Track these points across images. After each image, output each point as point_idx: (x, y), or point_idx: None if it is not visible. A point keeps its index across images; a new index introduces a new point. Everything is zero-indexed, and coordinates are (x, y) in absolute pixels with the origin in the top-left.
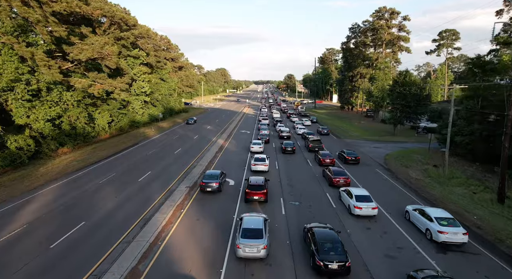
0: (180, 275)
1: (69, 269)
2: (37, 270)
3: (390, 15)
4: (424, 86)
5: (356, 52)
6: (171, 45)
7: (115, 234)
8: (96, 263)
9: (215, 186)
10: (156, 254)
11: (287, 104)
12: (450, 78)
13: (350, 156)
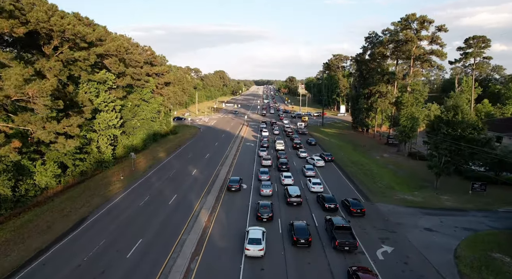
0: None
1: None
2: None
3: (421, 25)
4: (484, 127)
5: (373, 66)
6: (156, 58)
7: None
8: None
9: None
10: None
11: (290, 119)
12: (478, 91)
13: (355, 208)
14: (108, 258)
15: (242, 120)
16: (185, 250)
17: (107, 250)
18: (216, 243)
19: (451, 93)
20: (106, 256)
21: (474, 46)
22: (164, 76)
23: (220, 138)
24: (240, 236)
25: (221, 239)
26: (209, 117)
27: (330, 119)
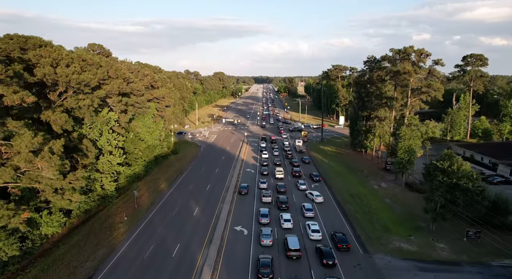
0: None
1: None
2: None
3: (418, 57)
4: (478, 177)
5: (372, 90)
6: (156, 81)
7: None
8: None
9: None
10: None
11: (289, 133)
12: (475, 108)
13: (342, 244)
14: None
15: (241, 135)
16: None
17: None
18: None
19: (448, 110)
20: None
21: (472, 64)
22: (165, 100)
23: (221, 161)
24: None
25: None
26: (209, 129)
27: (329, 133)
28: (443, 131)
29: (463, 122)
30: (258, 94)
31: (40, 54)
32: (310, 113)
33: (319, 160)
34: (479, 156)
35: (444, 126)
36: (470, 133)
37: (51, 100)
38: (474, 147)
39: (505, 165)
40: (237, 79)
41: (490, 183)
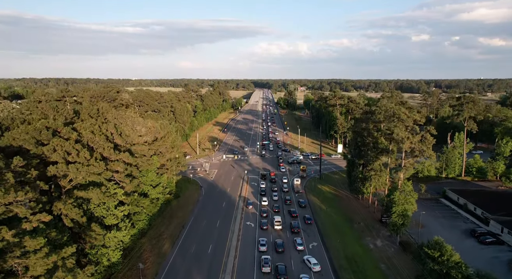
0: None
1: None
2: None
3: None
4: (467, 270)
5: (367, 141)
6: (159, 131)
7: None
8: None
9: None
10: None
11: (288, 165)
12: (470, 147)
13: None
14: None
15: (242, 170)
16: None
17: None
18: None
19: (444, 149)
20: None
21: (466, 104)
22: (169, 152)
23: (221, 210)
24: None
25: None
26: (210, 160)
27: (327, 166)
28: (438, 169)
29: (457, 160)
30: (258, 108)
31: (53, 148)
32: (310, 134)
33: (317, 206)
34: (472, 205)
35: (440, 164)
36: (465, 171)
37: (62, 185)
38: (469, 194)
39: (497, 221)
40: (237, 84)
41: (482, 242)
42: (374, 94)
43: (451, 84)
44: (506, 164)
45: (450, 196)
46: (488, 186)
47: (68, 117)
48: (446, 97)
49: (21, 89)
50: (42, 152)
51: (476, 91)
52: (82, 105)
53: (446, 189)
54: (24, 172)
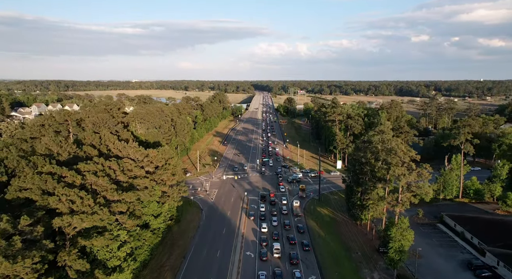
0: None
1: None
2: None
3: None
4: None
5: (365, 170)
6: (160, 160)
7: None
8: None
9: None
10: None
11: (287, 184)
12: (467, 169)
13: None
14: None
15: (242, 190)
16: None
17: None
18: None
19: (441, 171)
20: None
21: (462, 128)
22: (170, 180)
23: (222, 237)
24: None
25: None
26: (211, 178)
27: (326, 186)
28: (436, 191)
29: (455, 182)
30: (258, 116)
31: (59, 198)
32: (309, 147)
33: (316, 232)
34: (469, 234)
35: (437, 186)
36: (462, 193)
37: (66, 232)
38: (465, 221)
39: (493, 253)
40: (237, 87)
41: (478, 276)
42: (374, 98)
43: (450, 87)
44: (503, 186)
45: (447, 222)
46: (485, 208)
47: (71, 151)
48: (445, 108)
49: (22, 97)
50: (48, 202)
51: (476, 95)
52: (85, 133)
53: (443, 214)
54: (31, 230)
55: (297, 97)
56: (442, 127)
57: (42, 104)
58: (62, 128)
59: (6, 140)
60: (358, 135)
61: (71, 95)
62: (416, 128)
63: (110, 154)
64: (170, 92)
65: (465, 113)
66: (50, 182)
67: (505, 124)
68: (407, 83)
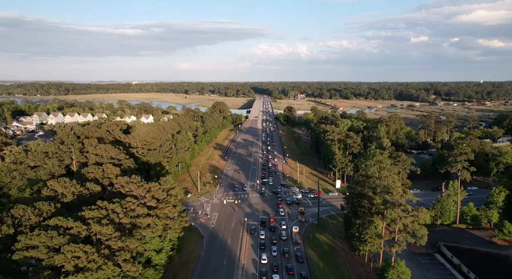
0: None
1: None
2: None
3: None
4: None
5: (363, 203)
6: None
7: None
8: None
9: None
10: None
11: (288, 207)
12: (464, 195)
13: None
14: None
15: (242, 214)
16: None
17: None
18: None
19: (438, 197)
20: None
21: (459, 156)
22: (171, 212)
23: (222, 269)
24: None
25: None
26: (211, 201)
27: (325, 209)
28: (434, 217)
29: (452, 208)
30: (258, 125)
31: (65, 256)
32: (309, 162)
33: (314, 263)
34: (466, 268)
35: (435, 212)
36: (460, 219)
37: None
38: (462, 253)
39: None
40: (237, 90)
41: None
42: (374, 103)
43: (450, 91)
44: (500, 212)
45: (444, 252)
46: (483, 235)
47: (76, 192)
48: (443, 120)
49: (24, 105)
50: (54, 260)
51: (475, 99)
52: (88, 167)
53: (440, 244)
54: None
55: (297, 102)
56: (440, 139)
57: (43, 113)
58: (65, 156)
59: (10, 166)
60: (357, 154)
61: (72, 102)
62: (415, 142)
63: (113, 190)
64: (171, 95)
65: (464, 124)
66: (56, 238)
67: (503, 137)
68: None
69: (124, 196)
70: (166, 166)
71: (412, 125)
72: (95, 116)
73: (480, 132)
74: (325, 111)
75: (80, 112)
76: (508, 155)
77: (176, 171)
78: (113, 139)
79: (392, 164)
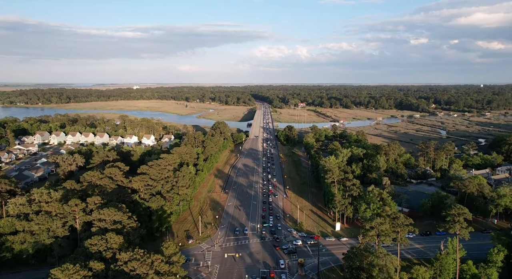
0: None
1: None
2: None
3: None
4: None
5: (362, 277)
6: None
7: None
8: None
9: None
10: None
11: (287, 257)
12: (462, 253)
13: None
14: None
15: (242, 267)
16: None
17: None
18: None
19: (437, 255)
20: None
21: (457, 216)
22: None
23: None
24: None
25: None
26: (212, 249)
27: (324, 260)
28: (433, 276)
29: (451, 266)
30: (258, 147)
31: None
32: (309, 196)
33: None
34: None
35: (434, 271)
36: (459, 277)
37: None
38: None
39: None
40: (238, 98)
41: None
42: (374, 113)
43: (450, 100)
44: (499, 271)
45: None
46: None
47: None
48: (442, 147)
49: (26, 124)
50: None
51: (475, 110)
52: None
53: None
54: None
55: (297, 112)
56: (440, 167)
57: (45, 132)
58: (69, 218)
59: (14, 222)
60: (356, 197)
61: (74, 118)
62: (414, 171)
63: (117, 268)
64: (172, 103)
65: (463, 151)
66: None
67: (503, 166)
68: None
69: (127, 275)
70: (168, 210)
71: (412, 144)
72: (97, 136)
73: (479, 159)
74: (324, 130)
75: (81, 131)
76: (506, 198)
77: (177, 209)
78: (116, 186)
79: (392, 224)
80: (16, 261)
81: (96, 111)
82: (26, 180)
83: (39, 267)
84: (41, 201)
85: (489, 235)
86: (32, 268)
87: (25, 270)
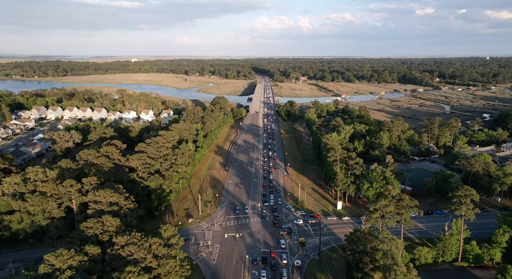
0: None
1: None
2: None
3: None
4: None
5: (365, 260)
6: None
7: None
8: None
9: None
10: None
11: (288, 236)
12: (466, 234)
13: None
14: None
15: (243, 246)
16: None
17: None
18: None
19: (441, 236)
20: None
21: (463, 198)
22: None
23: None
24: None
25: None
26: (212, 228)
27: (326, 240)
28: (435, 257)
29: (454, 246)
30: (259, 123)
31: None
32: (310, 174)
33: None
34: None
35: (436, 251)
36: (462, 257)
37: None
38: None
39: None
40: (238, 72)
41: None
42: (377, 87)
43: (455, 74)
44: (503, 252)
45: None
46: (485, 276)
47: (74, 264)
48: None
49: (22, 98)
50: None
51: (480, 83)
52: (88, 222)
53: None
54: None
55: (298, 87)
56: (443, 144)
57: (42, 107)
58: (65, 199)
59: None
60: (359, 175)
61: (71, 92)
62: (418, 148)
63: (113, 253)
64: (170, 77)
65: (467, 127)
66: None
67: (508, 143)
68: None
69: (124, 259)
70: (167, 189)
71: (415, 119)
72: (95, 111)
73: (484, 135)
74: (326, 105)
75: (79, 106)
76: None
77: (177, 188)
78: (113, 165)
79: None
80: (16, 240)
81: (93, 85)
82: (23, 156)
83: (39, 246)
84: (36, 180)
85: (492, 214)
86: (32, 247)
87: (26, 249)
